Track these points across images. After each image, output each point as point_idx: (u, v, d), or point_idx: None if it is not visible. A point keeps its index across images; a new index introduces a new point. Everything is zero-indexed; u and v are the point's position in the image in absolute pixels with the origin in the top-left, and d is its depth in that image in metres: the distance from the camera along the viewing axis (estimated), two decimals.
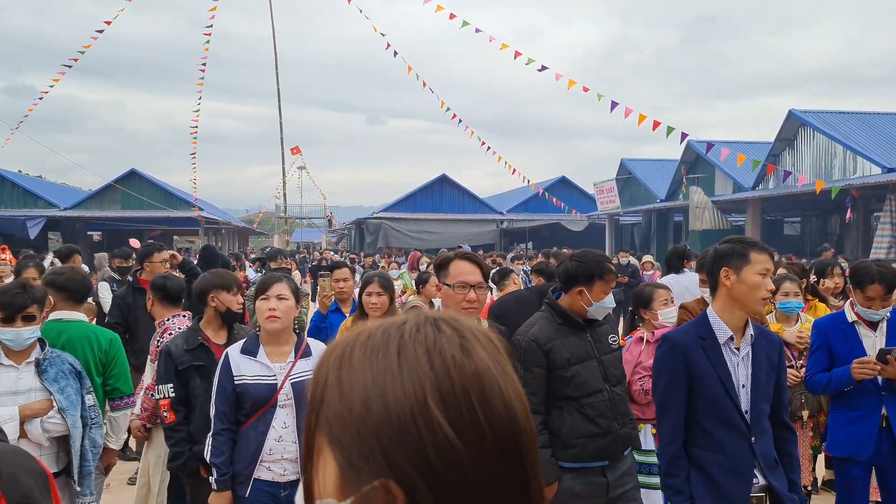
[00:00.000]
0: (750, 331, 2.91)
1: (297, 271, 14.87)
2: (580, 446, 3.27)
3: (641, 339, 4.46)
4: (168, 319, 4.57)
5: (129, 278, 7.01)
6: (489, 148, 19.02)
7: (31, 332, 3.34)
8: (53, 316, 3.99)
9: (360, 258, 19.65)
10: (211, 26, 17.36)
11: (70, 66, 16.88)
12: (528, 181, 22.22)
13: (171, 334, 4.32)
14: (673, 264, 6.53)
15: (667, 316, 4.48)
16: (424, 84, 17.58)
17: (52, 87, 17.70)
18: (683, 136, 13.78)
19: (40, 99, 18.22)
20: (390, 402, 0.63)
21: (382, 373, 0.65)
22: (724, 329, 2.87)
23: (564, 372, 3.27)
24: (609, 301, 3.43)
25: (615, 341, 3.53)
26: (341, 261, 8.37)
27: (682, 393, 2.88)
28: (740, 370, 2.87)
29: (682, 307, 4.66)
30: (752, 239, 2.95)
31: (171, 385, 3.68)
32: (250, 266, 12.83)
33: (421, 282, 6.44)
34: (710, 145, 17.05)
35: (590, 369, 3.32)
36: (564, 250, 14.07)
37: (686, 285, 5.79)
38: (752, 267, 2.79)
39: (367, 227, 35.89)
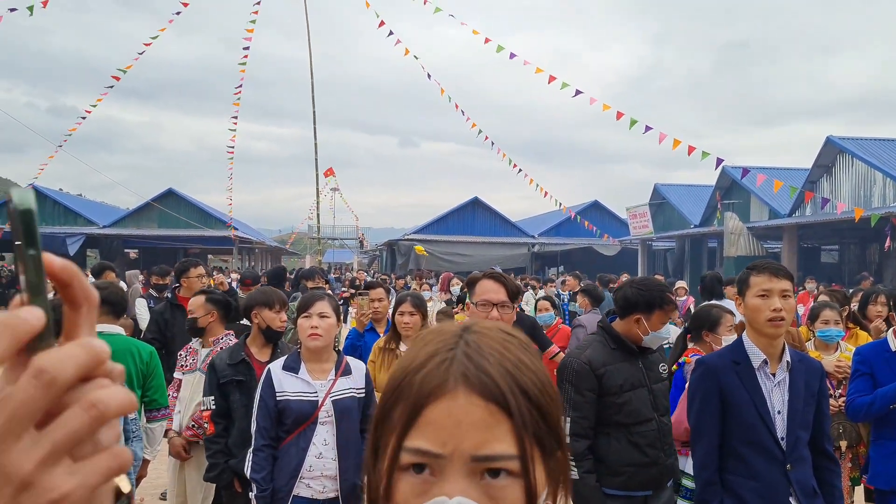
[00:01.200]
0: (787, 357, 2.88)
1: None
2: (627, 475, 3.23)
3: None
4: (221, 338, 4.66)
5: (167, 294, 7.12)
6: (521, 171, 19.05)
7: None
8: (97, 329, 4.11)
9: (391, 279, 19.72)
10: (248, 48, 17.73)
11: (112, 87, 17.33)
12: (560, 205, 22.17)
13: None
14: (715, 290, 6.48)
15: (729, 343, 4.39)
16: (457, 106, 17.72)
17: (94, 107, 18.18)
18: (719, 161, 13.68)
19: (83, 119, 18.70)
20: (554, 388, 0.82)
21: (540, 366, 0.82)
22: (757, 353, 2.85)
23: (616, 398, 3.23)
24: (665, 331, 3.39)
25: (665, 370, 3.52)
26: (376, 281, 8.40)
27: (716, 417, 2.86)
28: (776, 396, 2.84)
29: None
30: (761, 262, 2.94)
31: (213, 397, 3.77)
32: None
33: (460, 301, 6.50)
34: (745, 171, 16.91)
35: (641, 397, 3.29)
36: (618, 276, 14.00)
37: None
38: (751, 290, 2.82)
39: (399, 248, 36.02)
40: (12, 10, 13.91)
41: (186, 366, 4.69)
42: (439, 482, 0.73)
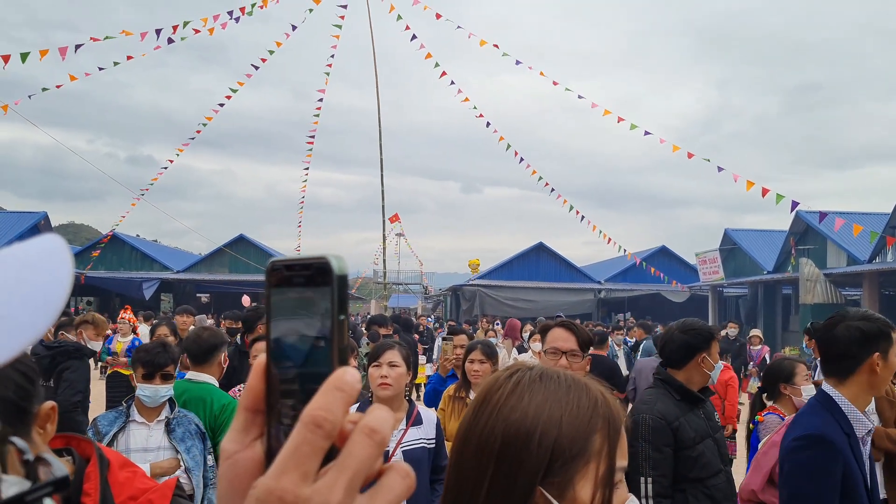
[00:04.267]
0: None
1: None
2: None
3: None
4: None
5: (237, 341, 7.25)
6: (583, 217, 18.92)
7: (167, 390, 3.50)
8: (187, 376, 4.22)
9: (442, 325, 19.63)
10: (321, 100, 18.29)
11: (193, 139, 18.11)
12: (625, 251, 21.87)
13: None
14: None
15: (810, 393, 4.19)
16: (516, 153, 17.80)
17: (177, 156, 19.00)
18: (794, 204, 13.32)
19: (164, 169, 19.55)
20: None
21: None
22: (863, 421, 2.52)
23: (691, 452, 3.09)
24: (719, 363, 3.41)
25: (718, 419, 3.44)
26: (459, 327, 8.42)
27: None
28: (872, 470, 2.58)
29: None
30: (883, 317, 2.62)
31: None
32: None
33: (523, 351, 6.44)
34: (822, 215, 16.36)
35: (710, 448, 3.17)
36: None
37: None
38: (894, 348, 2.49)
39: (463, 293, 36.02)
40: (101, 68, 14.73)
41: None
42: (620, 489, 1.02)
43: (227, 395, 4.58)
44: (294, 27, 16.84)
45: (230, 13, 14.45)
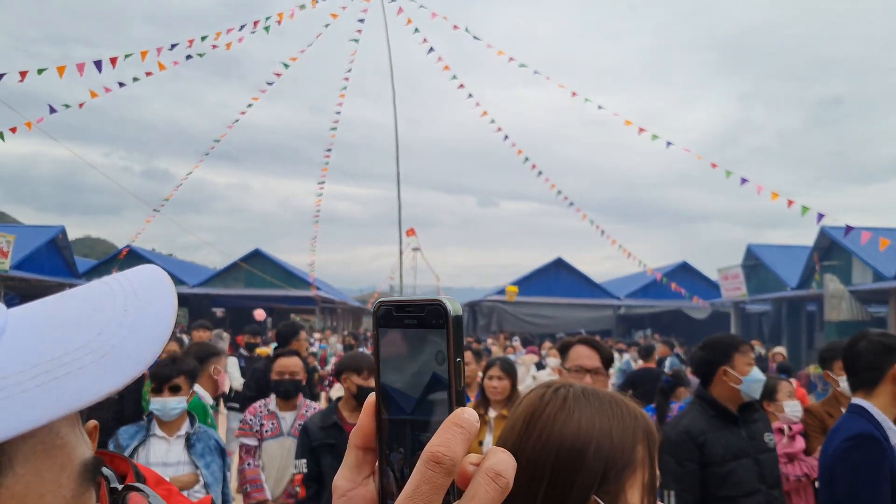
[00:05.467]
0: None
1: None
2: None
3: (780, 430, 4.34)
4: (307, 402, 4.76)
5: (271, 354, 7.26)
6: (603, 232, 18.66)
7: (176, 403, 3.46)
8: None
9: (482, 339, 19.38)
10: (339, 113, 18.22)
11: (208, 154, 18.10)
12: (645, 266, 21.57)
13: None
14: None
15: (793, 409, 4.39)
16: (534, 166, 17.59)
17: (190, 173, 18.99)
18: (820, 216, 13.00)
19: (180, 185, 19.55)
20: None
21: None
22: (893, 429, 2.63)
23: (720, 468, 3.03)
24: (758, 374, 3.22)
25: (771, 440, 3.26)
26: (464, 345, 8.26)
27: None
28: None
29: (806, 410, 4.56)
30: None
31: (305, 460, 3.75)
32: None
33: (541, 368, 6.24)
34: (849, 229, 16.00)
35: (746, 467, 3.07)
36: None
37: None
38: None
39: (481, 309, 35.78)
40: (122, 84, 14.74)
41: (268, 431, 4.54)
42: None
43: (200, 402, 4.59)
44: (310, 43, 16.82)
45: (242, 27, 14.41)
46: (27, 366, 0.44)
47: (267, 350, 9.13)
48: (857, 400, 2.71)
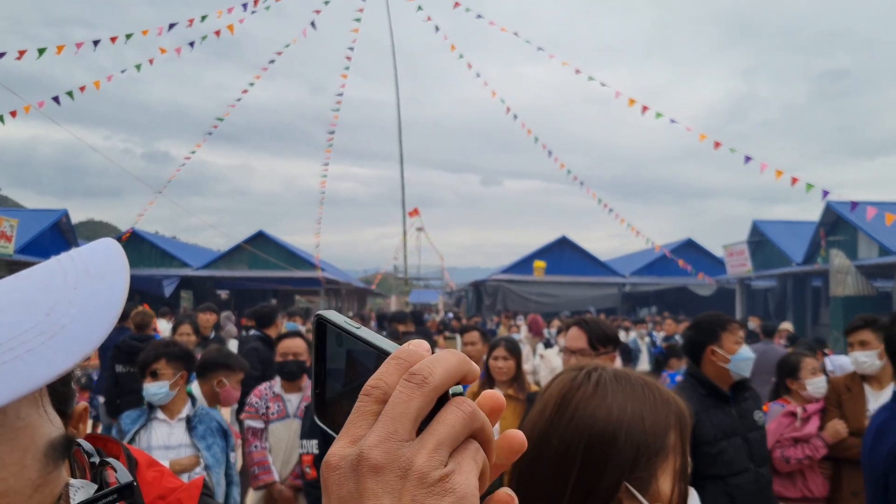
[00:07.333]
0: None
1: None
2: None
3: (792, 413, 4.24)
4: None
5: (258, 333, 7.25)
6: (611, 210, 18.56)
7: (157, 388, 3.43)
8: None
9: (460, 321, 19.26)
10: (342, 94, 18.09)
11: (210, 134, 18.01)
12: (652, 243, 21.49)
13: None
14: None
15: (816, 386, 4.29)
16: (545, 146, 17.48)
17: (193, 153, 18.91)
18: (824, 193, 12.91)
19: (182, 165, 19.48)
20: None
21: None
22: None
23: (711, 448, 3.05)
24: (746, 352, 3.22)
25: (760, 418, 3.28)
26: (471, 324, 8.29)
27: None
28: None
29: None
30: None
31: (316, 441, 3.71)
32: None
33: (549, 346, 6.21)
34: (854, 204, 15.89)
35: (736, 446, 3.09)
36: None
37: None
38: None
39: (486, 289, 35.76)
40: (123, 71, 14.62)
41: (274, 413, 4.52)
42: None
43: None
44: (312, 22, 16.65)
45: (244, 6, 14.26)
46: None
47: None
48: None
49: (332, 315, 0.55)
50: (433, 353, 0.48)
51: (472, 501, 0.44)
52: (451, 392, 0.46)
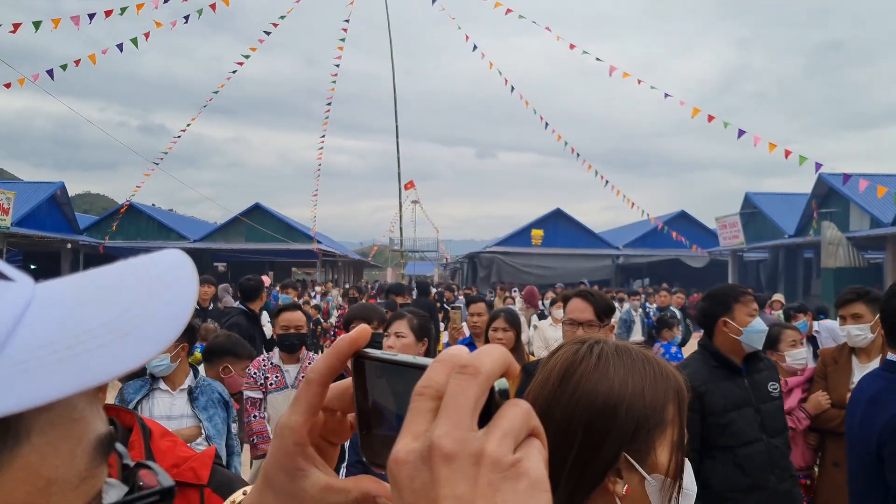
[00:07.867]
0: None
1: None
2: (733, 500, 3.02)
3: None
4: (309, 354, 4.84)
5: (241, 306, 7.30)
6: (607, 182, 18.64)
7: (157, 360, 3.43)
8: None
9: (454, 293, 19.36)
10: (338, 66, 18.03)
11: (205, 107, 17.96)
12: (648, 215, 21.60)
13: None
14: None
15: (795, 358, 4.31)
16: (542, 118, 17.52)
17: (189, 125, 18.88)
18: (818, 166, 13.02)
19: (178, 138, 19.44)
20: None
21: None
22: None
23: (720, 419, 3.06)
24: (759, 324, 3.21)
25: (775, 389, 3.27)
26: (477, 295, 8.38)
27: None
28: None
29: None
30: None
31: None
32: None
33: (543, 318, 6.35)
34: (847, 176, 16.00)
35: (746, 417, 3.10)
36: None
37: None
38: None
39: (480, 261, 35.92)
40: (119, 45, 14.54)
41: (272, 384, 4.64)
42: None
43: None
44: None
45: None
46: (48, 340, 0.44)
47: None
48: (892, 356, 2.56)
49: (371, 351, 0.56)
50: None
51: (545, 486, 0.45)
52: (496, 387, 0.47)
